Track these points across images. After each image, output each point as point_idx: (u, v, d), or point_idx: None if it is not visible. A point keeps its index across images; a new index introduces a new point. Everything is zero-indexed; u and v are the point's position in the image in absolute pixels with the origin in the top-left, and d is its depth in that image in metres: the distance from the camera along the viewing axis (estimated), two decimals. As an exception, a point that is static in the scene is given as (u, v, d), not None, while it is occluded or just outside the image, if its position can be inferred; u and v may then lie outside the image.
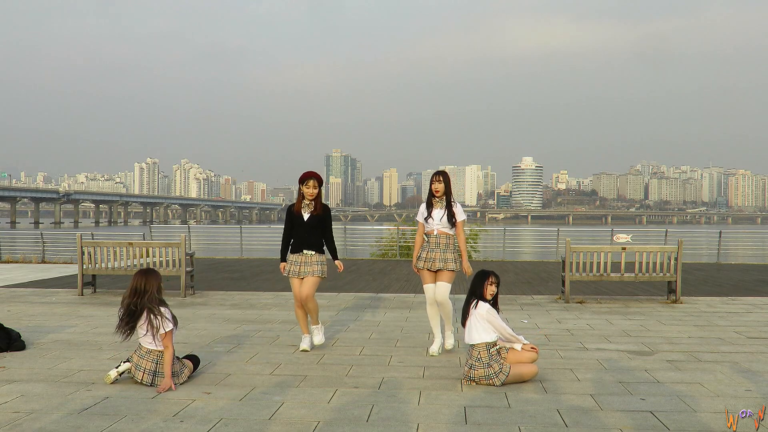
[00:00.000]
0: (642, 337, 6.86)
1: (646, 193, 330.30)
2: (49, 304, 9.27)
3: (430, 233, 6.06)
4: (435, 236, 6.04)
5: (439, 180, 6.06)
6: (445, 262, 5.97)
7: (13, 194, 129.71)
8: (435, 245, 6.03)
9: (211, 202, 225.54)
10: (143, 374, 4.93)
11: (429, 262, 6.02)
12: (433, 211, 6.04)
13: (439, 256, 5.99)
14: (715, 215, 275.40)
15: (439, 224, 6.02)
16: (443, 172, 6.10)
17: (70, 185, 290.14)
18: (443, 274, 6.00)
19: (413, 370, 5.42)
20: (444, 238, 6.03)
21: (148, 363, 4.94)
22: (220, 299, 9.80)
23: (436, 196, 6.06)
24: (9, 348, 6.07)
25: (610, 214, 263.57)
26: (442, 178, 6.06)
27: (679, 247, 9.62)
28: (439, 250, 6.01)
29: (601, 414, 4.25)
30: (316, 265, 6.09)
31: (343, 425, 4.02)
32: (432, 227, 6.05)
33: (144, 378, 4.92)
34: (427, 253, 6.04)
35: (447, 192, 6.06)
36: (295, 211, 6.15)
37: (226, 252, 21.82)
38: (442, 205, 6.03)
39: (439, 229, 6.02)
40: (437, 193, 6.04)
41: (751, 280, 13.04)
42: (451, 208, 6.03)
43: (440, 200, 6.05)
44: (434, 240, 6.04)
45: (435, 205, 6.05)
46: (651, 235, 31.98)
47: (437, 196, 6.05)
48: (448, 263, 5.97)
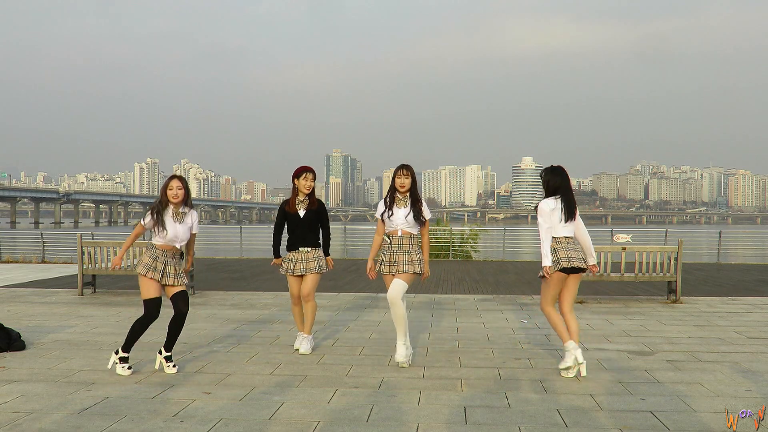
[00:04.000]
0: (642, 337, 6.86)
1: (646, 193, 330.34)
2: (49, 304, 9.27)
3: (393, 233, 5.54)
4: (399, 237, 5.52)
5: (405, 174, 5.55)
6: (411, 264, 5.47)
7: (13, 194, 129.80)
8: (398, 247, 5.51)
9: (211, 202, 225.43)
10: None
11: (393, 266, 5.50)
12: (396, 209, 5.52)
13: (403, 258, 5.48)
14: (715, 215, 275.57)
15: (404, 224, 5.50)
16: (408, 166, 5.61)
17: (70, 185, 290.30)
18: (403, 274, 5.48)
19: (413, 370, 5.42)
20: (408, 239, 5.52)
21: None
22: (220, 299, 9.80)
23: (400, 192, 5.55)
24: (9, 348, 6.07)
25: (610, 214, 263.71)
26: (408, 172, 5.57)
27: (679, 247, 9.62)
28: (402, 252, 5.50)
29: (601, 414, 4.25)
30: (314, 261, 6.04)
31: (343, 425, 4.02)
32: (396, 227, 5.52)
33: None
34: (390, 256, 5.52)
35: (413, 188, 5.59)
36: (290, 209, 6.07)
37: (226, 252, 21.82)
38: (406, 202, 5.53)
39: (404, 229, 5.51)
40: (402, 189, 5.53)
41: (751, 280, 13.03)
42: (418, 205, 5.53)
43: (405, 197, 5.55)
44: (397, 241, 5.52)
45: (399, 202, 5.53)
46: (651, 235, 31.97)
47: (402, 192, 5.55)
48: (415, 266, 5.48)
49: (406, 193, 5.55)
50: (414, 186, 5.58)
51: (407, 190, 5.54)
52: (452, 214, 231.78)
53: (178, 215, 5.38)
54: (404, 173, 5.54)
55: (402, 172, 5.55)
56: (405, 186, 5.52)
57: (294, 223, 6.07)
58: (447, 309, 8.89)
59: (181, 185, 5.43)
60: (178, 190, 5.39)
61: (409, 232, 5.53)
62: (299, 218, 6.05)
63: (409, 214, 5.49)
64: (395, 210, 5.51)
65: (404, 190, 5.52)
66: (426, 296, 10.31)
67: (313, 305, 6.09)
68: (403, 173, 5.54)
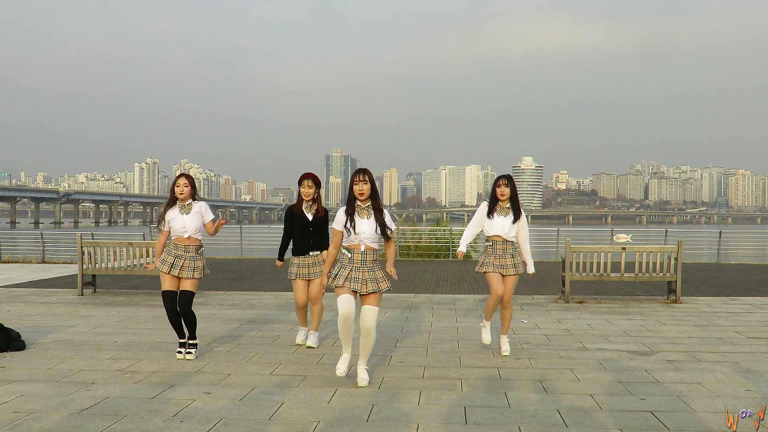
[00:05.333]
0: (642, 337, 6.86)
1: (646, 193, 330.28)
2: (49, 304, 9.27)
3: (355, 248, 4.88)
4: (361, 252, 4.88)
5: (363, 180, 4.89)
6: (376, 282, 4.89)
7: (13, 194, 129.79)
8: (361, 263, 4.88)
9: (211, 202, 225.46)
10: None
11: (354, 282, 4.85)
12: (360, 219, 4.86)
13: (368, 276, 4.87)
14: (715, 215, 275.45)
15: (368, 238, 4.86)
16: (366, 170, 4.96)
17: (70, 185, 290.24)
18: (371, 297, 4.90)
19: (413, 370, 5.42)
20: (371, 254, 4.92)
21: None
22: (220, 299, 9.80)
23: (360, 200, 4.91)
24: (9, 348, 6.07)
25: (610, 214, 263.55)
26: (366, 177, 4.91)
27: (679, 247, 9.62)
28: (365, 268, 4.88)
29: (601, 414, 4.25)
30: (321, 266, 6.11)
31: (343, 425, 4.02)
32: (359, 241, 4.87)
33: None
34: (350, 272, 4.87)
35: (374, 195, 4.94)
36: (297, 213, 6.12)
37: (226, 252, 21.81)
38: (370, 212, 4.90)
39: (368, 243, 4.89)
40: (361, 196, 4.88)
41: (751, 280, 13.04)
42: (382, 217, 4.91)
43: (367, 206, 4.91)
44: (360, 257, 4.88)
45: (361, 212, 4.89)
46: (651, 235, 31.98)
47: (361, 200, 4.91)
48: (380, 283, 4.91)
49: (368, 201, 4.93)
50: (375, 193, 4.95)
51: (367, 198, 4.91)
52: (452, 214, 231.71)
53: (185, 208, 5.82)
54: (361, 178, 4.90)
55: (359, 177, 4.90)
56: (364, 193, 4.88)
57: (302, 227, 6.11)
58: (447, 309, 8.89)
59: (187, 182, 5.88)
60: (185, 187, 5.84)
61: (374, 247, 4.94)
62: (308, 221, 6.08)
63: (375, 227, 4.87)
64: (358, 221, 4.86)
65: (363, 197, 4.89)
66: (426, 296, 10.31)
67: (321, 307, 6.20)
68: (361, 178, 4.90)
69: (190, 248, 5.79)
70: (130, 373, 5.29)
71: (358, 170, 4.93)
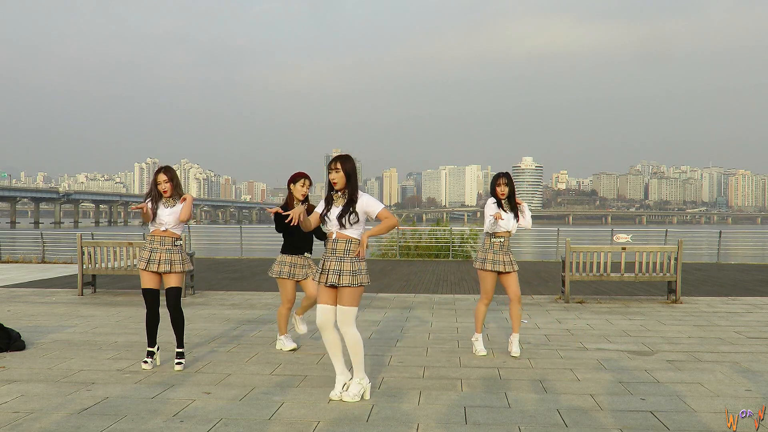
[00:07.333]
0: (642, 337, 6.86)
1: (646, 193, 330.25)
2: (49, 304, 9.27)
3: (329, 236, 4.64)
4: (332, 241, 4.58)
5: (335, 168, 4.58)
6: (337, 275, 4.50)
7: (13, 194, 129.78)
8: (331, 252, 4.59)
9: (211, 202, 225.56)
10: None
11: (323, 274, 4.59)
12: (334, 207, 4.61)
13: (333, 266, 4.54)
14: (715, 215, 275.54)
15: (335, 226, 4.58)
16: (341, 157, 4.66)
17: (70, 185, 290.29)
18: (343, 293, 4.53)
19: (413, 370, 5.42)
20: (343, 244, 4.55)
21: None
22: (220, 299, 9.80)
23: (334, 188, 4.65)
24: (9, 348, 6.07)
25: (610, 214, 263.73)
26: (338, 165, 4.58)
27: (679, 247, 9.62)
28: (334, 258, 4.56)
29: (601, 414, 4.25)
30: (313, 267, 6.10)
31: (343, 425, 4.02)
32: (330, 229, 4.62)
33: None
34: (323, 262, 4.63)
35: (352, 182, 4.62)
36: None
37: (226, 252, 21.83)
38: (343, 200, 4.60)
39: (338, 231, 4.57)
40: (335, 185, 4.61)
41: (751, 280, 13.04)
42: (354, 203, 4.55)
43: (343, 194, 4.61)
44: (331, 246, 4.59)
45: (337, 200, 4.62)
46: (651, 235, 31.98)
47: (336, 188, 4.63)
48: (343, 277, 4.50)
49: (344, 190, 4.60)
50: (350, 181, 4.59)
51: (342, 187, 4.59)
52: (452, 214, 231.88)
53: (168, 202, 5.58)
54: (333, 167, 4.59)
55: (332, 166, 4.61)
56: (336, 182, 4.58)
57: (298, 227, 6.03)
58: (447, 309, 8.89)
59: (167, 178, 5.56)
60: (165, 184, 5.55)
61: (346, 235, 4.56)
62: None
63: (341, 214, 4.54)
64: (333, 209, 4.62)
65: (337, 187, 4.60)
66: (426, 296, 10.31)
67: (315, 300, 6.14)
68: (333, 166, 4.60)
69: (165, 240, 5.54)
70: (130, 373, 5.29)
71: (334, 158, 4.67)
